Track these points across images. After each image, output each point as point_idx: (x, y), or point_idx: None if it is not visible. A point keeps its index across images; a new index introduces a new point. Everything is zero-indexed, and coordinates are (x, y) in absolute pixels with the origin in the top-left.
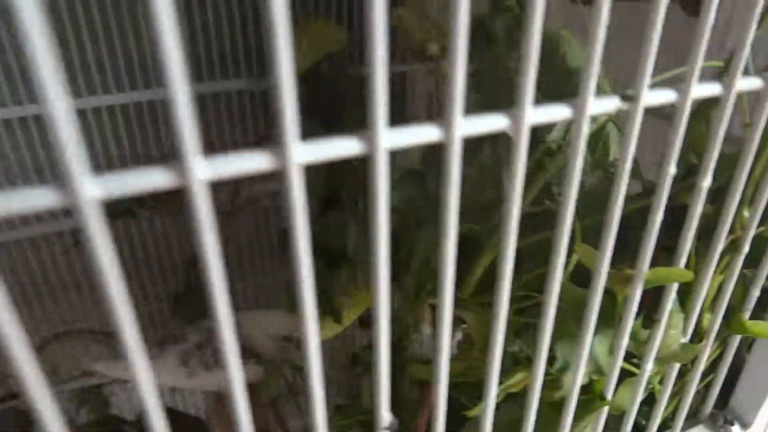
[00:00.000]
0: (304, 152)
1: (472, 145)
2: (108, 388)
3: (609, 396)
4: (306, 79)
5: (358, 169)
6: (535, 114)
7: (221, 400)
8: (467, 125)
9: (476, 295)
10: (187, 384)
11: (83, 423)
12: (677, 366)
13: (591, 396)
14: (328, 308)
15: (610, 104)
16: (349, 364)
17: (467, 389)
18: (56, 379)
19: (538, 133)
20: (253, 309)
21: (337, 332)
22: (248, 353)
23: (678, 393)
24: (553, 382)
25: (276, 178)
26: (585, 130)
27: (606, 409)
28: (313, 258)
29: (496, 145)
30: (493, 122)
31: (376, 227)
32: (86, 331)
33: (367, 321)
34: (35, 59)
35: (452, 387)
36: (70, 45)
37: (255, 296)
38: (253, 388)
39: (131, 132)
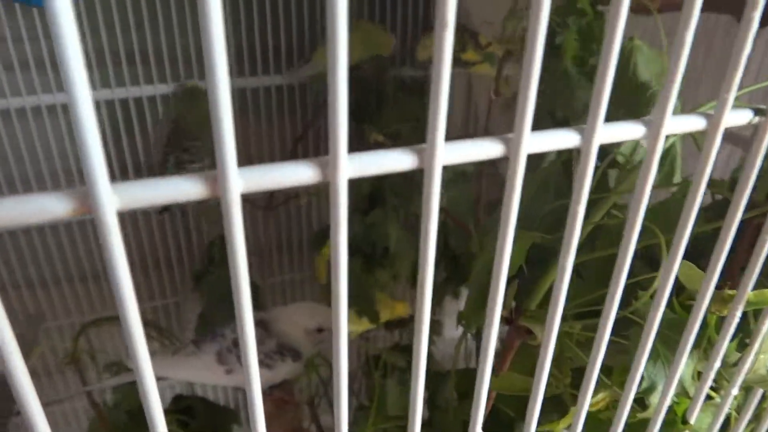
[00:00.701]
0: (445, 155)
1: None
2: None
3: (692, 420)
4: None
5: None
6: (671, 124)
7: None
8: (606, 133)
9: (545, 306)
10: (225, 381)
11: (113, 409)
12: (760, 392)
13: (673, 418)
14: (364, 307)
15: (744, 117)
16: (375, 365)
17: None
18: (95, 365)
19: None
20: (289, 304)
21: (365, 328)
22: (286, 349)
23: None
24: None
25: None
26: (718, 142)
27: None
28: (353, 257)
29: (560, 154)
30: (630, 131)
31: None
32: None
33: (395, 323)
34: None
35: (503, 400)
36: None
37: (291, 291)
38: (288, 385)
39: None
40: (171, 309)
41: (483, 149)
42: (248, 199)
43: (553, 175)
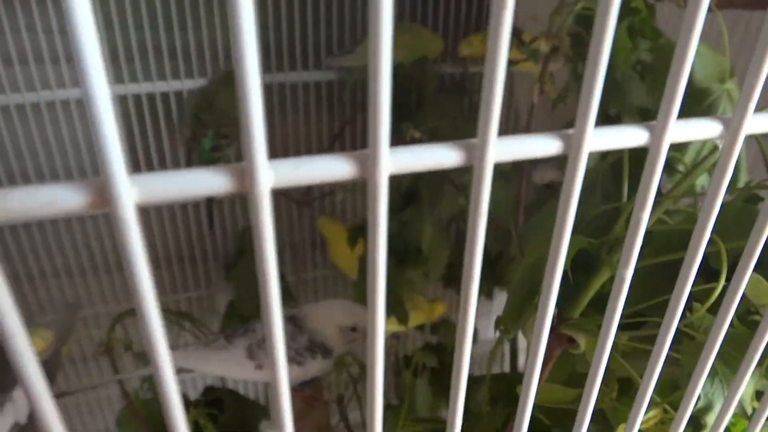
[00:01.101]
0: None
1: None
2: None
3: None
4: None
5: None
6: (753, 123)
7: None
8: (679, 131)
9: (588, 314)
10: (255, 377)
11: (145, 399)
12: None
13: None
14: (393, 306)
15: None
16: (405, 365)
17: (567, 417)
18: (130, 354)
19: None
20: (321, 300)
21: (395, 329)
22: (317, 346)
23: None
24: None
25: None
26: None
27: None
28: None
29: (605, 156)
30: (705, 129)
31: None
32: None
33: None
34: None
35: (538, 408)
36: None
37: (324, 288)
38: (318, 383)
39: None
40: (205, 300)
41: (539, 145)
42: (284, 193)
43: (600, 177)
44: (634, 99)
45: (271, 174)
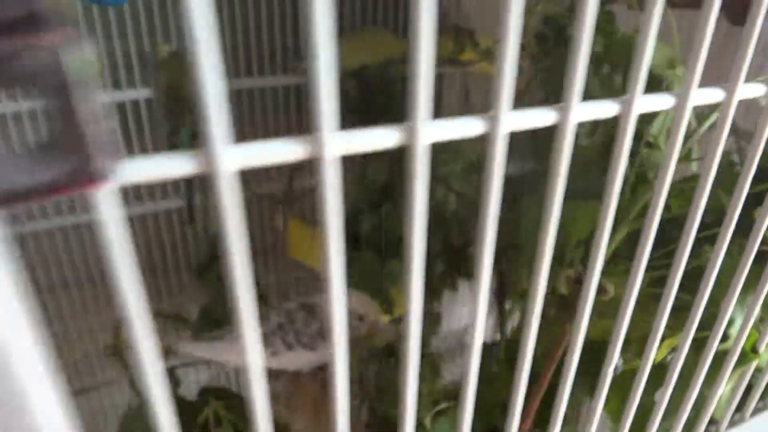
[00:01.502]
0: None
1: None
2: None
3: (761, 349)
4: (356, 77)
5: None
6: (644, 102)
7: (300, 379)
8: (583, 111)
9: (612, 263)
10: (270, 364)
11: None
12: None
13: (742, 350)
14: (379, 299)
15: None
16: (386, 356)
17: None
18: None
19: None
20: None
21: (386, 319)
22: (328, 332)
23: None
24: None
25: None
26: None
27: (754, 364)
28: (367, 248)
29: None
30: (605, 109)
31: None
32: (158, 312)
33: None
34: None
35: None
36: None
37: (315, 283)
38: (325, 370)
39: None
40: (183, 308)
41: (541, 117)
42: (264, 194)
43: (595, 154)
44: (589, 91)
45: (340, 142)
